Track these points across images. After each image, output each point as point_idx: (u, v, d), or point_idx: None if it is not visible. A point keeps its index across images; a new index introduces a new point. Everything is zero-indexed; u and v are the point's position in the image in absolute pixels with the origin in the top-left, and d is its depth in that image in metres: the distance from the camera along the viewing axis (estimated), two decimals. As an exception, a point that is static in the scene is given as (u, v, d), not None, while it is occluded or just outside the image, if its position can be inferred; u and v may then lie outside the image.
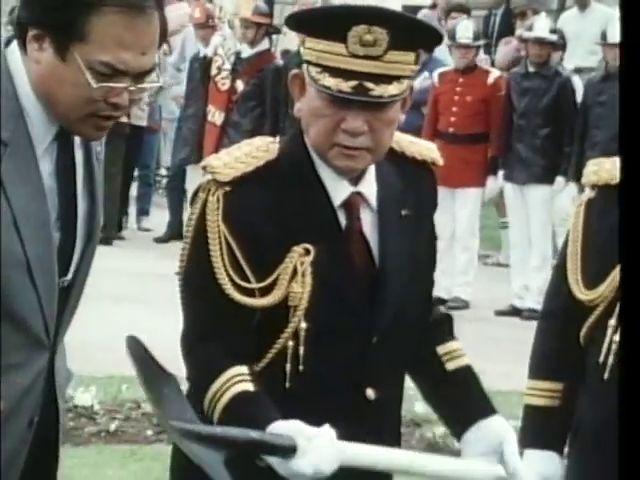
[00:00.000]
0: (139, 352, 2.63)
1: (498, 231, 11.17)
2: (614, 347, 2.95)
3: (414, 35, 2.58)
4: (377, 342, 2.61)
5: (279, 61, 10.68)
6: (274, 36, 11.11)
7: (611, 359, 2.96)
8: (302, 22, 2.75)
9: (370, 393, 2.62)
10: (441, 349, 2.76)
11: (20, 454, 2.63)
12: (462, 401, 2.73)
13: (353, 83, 2.53)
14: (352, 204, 2.64)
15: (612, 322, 2.98)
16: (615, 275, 2.96)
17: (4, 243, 2.54)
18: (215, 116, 10.64)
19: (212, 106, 10.83)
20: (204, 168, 2.71)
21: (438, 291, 8.91)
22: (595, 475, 3.02)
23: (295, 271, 2.57)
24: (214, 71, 10.78)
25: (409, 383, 3.00)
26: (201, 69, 10.72)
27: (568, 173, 9.13)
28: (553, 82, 9.55)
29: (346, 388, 2.60)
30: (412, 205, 2.70)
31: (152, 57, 2.60)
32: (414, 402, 5.62)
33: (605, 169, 3.08)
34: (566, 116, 9.44)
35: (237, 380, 2.53)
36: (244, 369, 2.55)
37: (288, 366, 2.56)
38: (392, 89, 2.56)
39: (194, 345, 2.60)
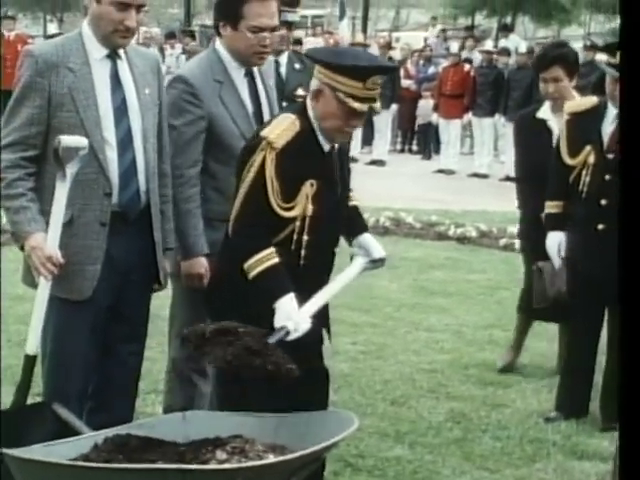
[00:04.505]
0: None
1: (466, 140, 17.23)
2: (586, 181, 4.39)
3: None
4: (338, 212, 3.49)
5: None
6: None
7: (585, 189, 4.42)
8: (331, 66, 3.24)
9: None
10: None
11: None
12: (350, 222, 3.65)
13: (367, 105, 3.28)
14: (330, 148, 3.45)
15: (583, 173, 4.39)
16: (585, 152, 4.38)
17: (228, 127, 3.72)
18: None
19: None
20: (264, 138, 3.30)
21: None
22: (574, 241, 4.58)
23: (307, 196, 3.38)
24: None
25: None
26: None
27: (501, 111, 14.41)
28: (494, 71, 14.94)
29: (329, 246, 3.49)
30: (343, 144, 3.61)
31: (277, 20, 3.62)
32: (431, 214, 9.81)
33: (572, 105, 4.63)
34: (500, 86, 14.59)
35: (268, 257, 3.30)
36: (272, 249, 3.31)
37: (304, 237, 3.37)
38: (379, 102, 3.33)
39: (243, 226, 3.27)
